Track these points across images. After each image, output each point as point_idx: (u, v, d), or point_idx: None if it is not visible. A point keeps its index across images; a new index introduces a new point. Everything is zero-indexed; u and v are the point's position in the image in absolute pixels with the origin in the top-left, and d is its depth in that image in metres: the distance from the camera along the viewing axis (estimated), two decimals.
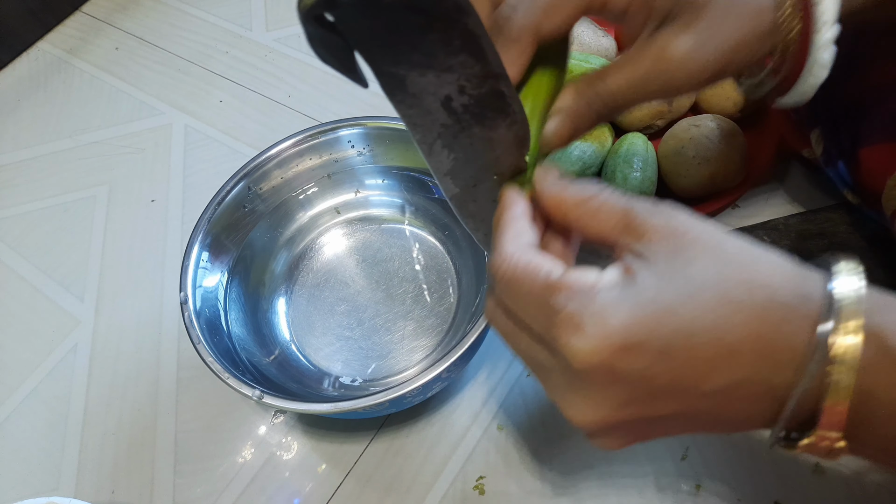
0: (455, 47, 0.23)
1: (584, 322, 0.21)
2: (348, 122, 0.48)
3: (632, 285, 0.22)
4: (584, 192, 0.25)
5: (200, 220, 0.45)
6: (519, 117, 0.27)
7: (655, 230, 0.23)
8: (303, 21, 0.22)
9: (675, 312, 0.21)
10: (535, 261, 0.24)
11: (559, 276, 0.22)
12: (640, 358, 0.21)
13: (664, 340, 0.21)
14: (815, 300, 0.21)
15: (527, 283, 0.23)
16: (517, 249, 0.24)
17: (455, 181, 0.30)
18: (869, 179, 0.41)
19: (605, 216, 0.24)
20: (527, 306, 0.24)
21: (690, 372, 0.21)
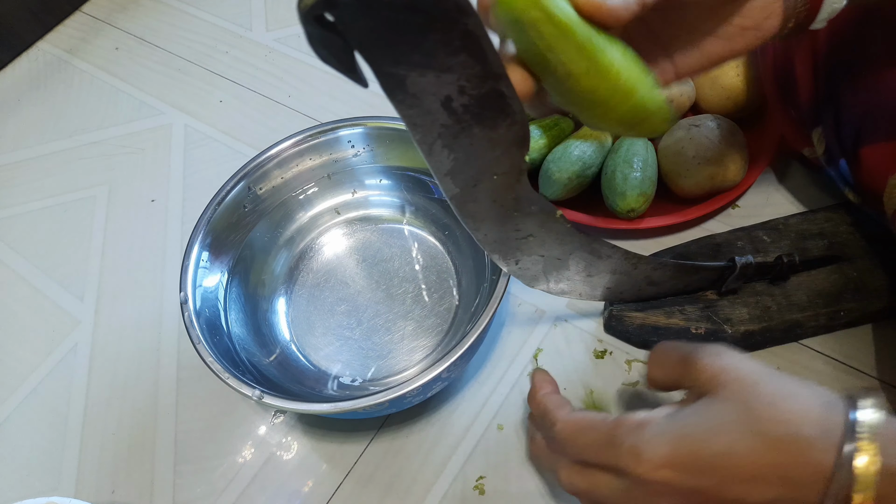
0: (455, 47, 0.23)
1: (641, 450, 0.27)
2: (348, 122, 0.48)
3: (675, 420, 0.28)
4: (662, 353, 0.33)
5: (200, 220, 0.45)
6: (519, 117, 0.27)
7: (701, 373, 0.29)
8: (303, 21, 0.22)
9: (711, 441, 0.26)
10: (588, 416, 0.31)
11: (616, 418, 0.29)
12: (686, 472, 0.26)
13: (705, 461, 0.26)
14: (836, 432, 0.25)
15: (591, 431, 0.30)
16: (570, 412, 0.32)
17: (455, 181, 0.30)
18: (870, 179, 0.41)
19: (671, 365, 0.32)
20: (597, 449, 0.30)
21: (730, 489, 0.26)
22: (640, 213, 0.48)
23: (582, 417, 0.31)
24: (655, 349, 0.33)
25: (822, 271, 0.45)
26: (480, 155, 0.28)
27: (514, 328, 0.48)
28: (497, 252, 0.35)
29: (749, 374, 0.27)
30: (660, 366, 0.32)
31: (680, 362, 0.30)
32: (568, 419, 0.32)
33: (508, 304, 0.50)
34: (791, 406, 0.26)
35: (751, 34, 0.31)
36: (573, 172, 0.48)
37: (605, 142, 0.50)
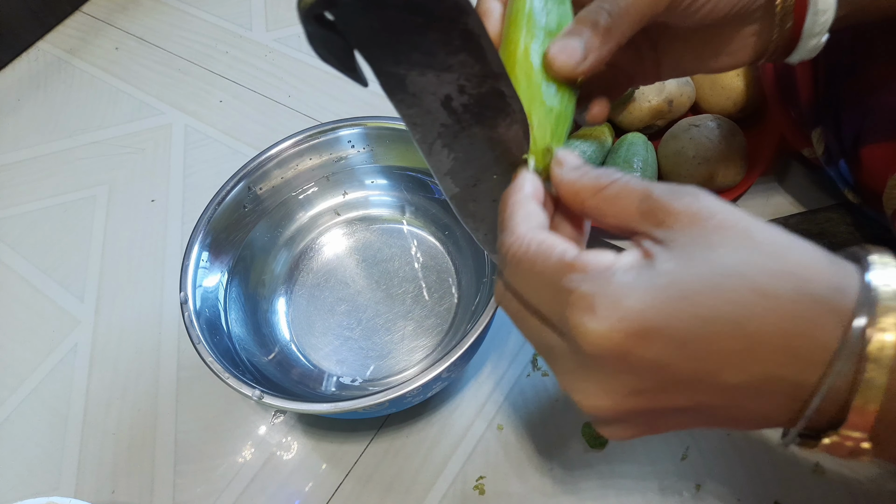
0: (455, 47, 0.23)
1: (598, 303, 0.20)
2: (348, 122, 0.48)
3: (650, 269, 0.20)
4: (603, 178, 0.24)
5: (200, 220, 0.45)
6: (519, 117, 0.27)
7: (677, 215, 0.21)
8: (303, 20, 0.22)
9: (695, 299, 0.20)
10: (548, 241, 0.23)
11: (573, 257, 0.21)
12: (654, 345, 0.20)
13: (682, 328, 0.19)
14: (849, 294, 0.19)
15: (539, 263, 0.22)
16: (528, 230, 0.23)
17: (455, 181, 0.30)
18: (870, 178, 0.41)
19: (623, 202, 0.23)
20: (538, 287, 0.23)
21: (708, 364, 0.20)
22: None
23: (537, 242, 0.23)
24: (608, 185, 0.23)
25: None
26: (480, 155, 0.28)
27: (514, 328, 0.48)
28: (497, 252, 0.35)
29: (739, 219, 0.21)
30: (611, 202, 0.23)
31: (642, 200, 0.22)
32: (519, 238, 0.23)
33: None
34: (797, 258, 0.20)
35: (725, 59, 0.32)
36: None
37: (605, 142, 0.50)
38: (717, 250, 0.20)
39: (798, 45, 0.31)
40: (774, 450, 0.41)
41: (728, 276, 0.20)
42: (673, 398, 0.21)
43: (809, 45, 0.30)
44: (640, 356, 0.20)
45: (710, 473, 0.41)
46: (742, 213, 0.21)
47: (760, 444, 0.41)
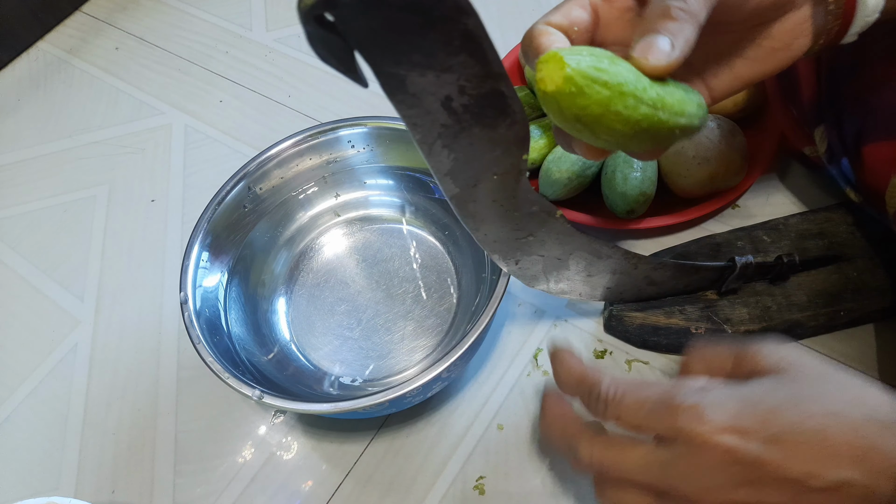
0: (455, 47, 0.23)
1: (705, 410, 0.25)
2: (348, 122, 0.48)
3: (741, 388, 0.26)
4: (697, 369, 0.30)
5: (200, 220, 0.45)
6: (519, 117, 0.27)
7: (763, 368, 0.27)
8: (303, 21, 0.22)
9: (782, 412, 0.24)
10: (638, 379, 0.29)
11: (671, 382, 0.27)
12: (753, 440, 0.24)
13: (774, 431, 0.24)
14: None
15: (645, 391, 0.28)
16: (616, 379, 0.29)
17: (455, 181, 0.30)
18: (872, 177, 0.40)
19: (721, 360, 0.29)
20: (649, 410, 0.27)
21: (799, 465, 0.24)
22: (640, 213, 0.48)
23: (633, 379, 0.29)
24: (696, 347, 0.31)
25: (822, 271, 0.45)
26: (480, 155, 0.28)
27: (514, 328, 0.48)
28: (497, 252, 0.35)
29: (815, 363, 0.26)
30: (701, 359, 0.30)
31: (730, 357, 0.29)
32: (618, 379, 0.30)
33: (508, 304, 0.50)
34: (863, 392, 0.25)
35: (781, 55, 0.32)
36: (573, 172, 0.48)
37: None
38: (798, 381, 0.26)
39: (849, 28, 0.30)
40: None
41: (808, 400, 0.25)
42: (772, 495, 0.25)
43: (860, 25, 0.30)
44: (741, 450, 0.24)
45: None
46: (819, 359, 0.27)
47: None
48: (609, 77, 0.24)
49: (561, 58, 0.24)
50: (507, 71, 0.30)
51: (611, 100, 0.25)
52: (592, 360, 0.46)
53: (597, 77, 0.24)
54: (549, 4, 0.69)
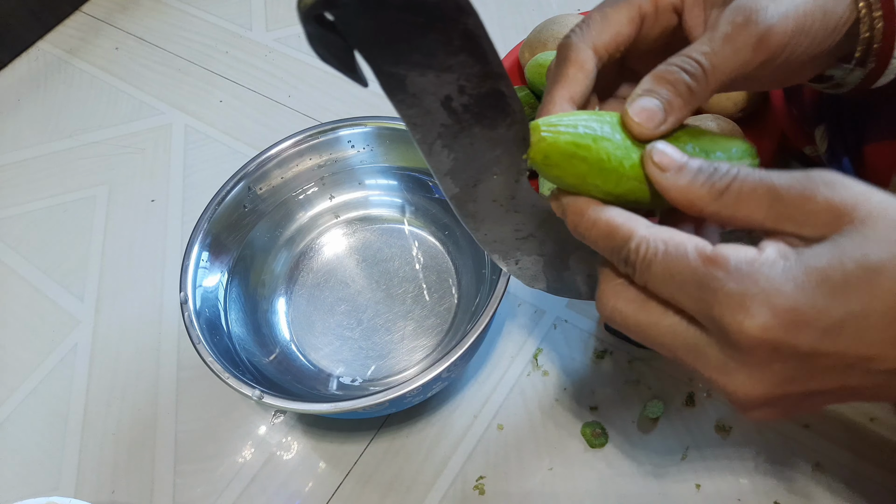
0: (455, 47, 0.23)
1: (749, 300, 0.20)
2: (348, 122, 0.48)
3: (798, 264, 0.21)
4: (718, 181, 0.23)
5: (200, 220, 0.45)
6: (519, 117, 0.27)
7: (817, 214, 0.21)
8: (303, 21, 0.22)
9: (850, 291, 0.20)
10: (676, 238, 0.22)
11: (712, 253, 0.21)
12: (808, 336, 0.20)
13: (834, 321, 0.20)
14: None
15: (675, 263, 0.22)
16: (649, 231, 0.23)
17: (455, 181, 0.30)
18: (873, 177, 0.40)
19: (749, 207, 0.23)
20: (679, 288, 0.22)
21: (861, 351, 0.20)
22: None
23: (670, 237, 0.23)
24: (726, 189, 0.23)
25: None
26: (480, 155, 0.28)
27: (514, 328, 0.48)
28: (497, 252, 0.35)
29: (890, 208, 0.21)
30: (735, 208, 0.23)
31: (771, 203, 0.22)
32: (649, 235, 0.23)
33: (508, 304, 0.50)
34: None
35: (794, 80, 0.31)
36: None
37: None
38: (866, 245, 0.20)
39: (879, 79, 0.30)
40: (775, 450, 0.41)
41: (879, 273, 0.20)
42: (823, 382, 0.22)
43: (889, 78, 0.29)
44: (794, 347, 0.20)
45: (710, 473, 0.41)
46: (884, 196, 0.21)
47: (761, 443, 0.41)
48: (588, 153, 0.24)
49: (539, 129, 0.24)
50: (507, 71, 0.30)
51: (588, 174, 0.25)
52: (592, 360, 0.46)
53: (574, 152, 0.24)
54: (549, 5, 0.69)
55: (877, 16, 0.27)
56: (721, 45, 0.26)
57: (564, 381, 0.45)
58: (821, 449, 0.41)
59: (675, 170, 0.24)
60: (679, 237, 0.23)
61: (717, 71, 0.26)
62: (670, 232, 0.23)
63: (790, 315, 0.20)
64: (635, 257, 0.23)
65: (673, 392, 0.44)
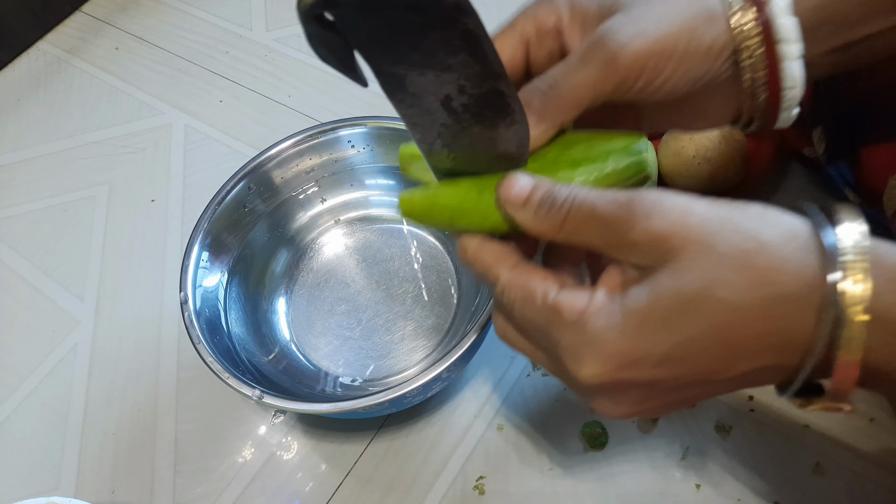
0: (455, 47, 0.23)
1: (580, 351, 0.23)
2: (348, 121, 0.48)
3: (623, 306, 0.22)
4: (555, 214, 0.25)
5: (200, 220, 0.45)
6: (519, 117, 0.27)
7: (637, 245, 0.23)
8: (303, 20, 0.22)
9: (670, 327, 0.22)
10: (530, 285, 0.25)
11: (553, 301, 0.24)
12: (643, 370, 0.22)
13: (663, 352, 0.22)
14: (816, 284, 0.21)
15: (527, 310, 0.25)
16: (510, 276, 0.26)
17: None
18: (870, 179, 0.40)
19: (586, 235, 0.24)
20: (534, 332, 0.25)
21: (697, 370, 0.22)
22: None
23: (521, 283, 0.25)
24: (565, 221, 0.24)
25: None
26: (480, 155, 0.28)
27: None
28: None
29: (702, 232, 0.22)
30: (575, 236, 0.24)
31: (602, 232, 0.23)
32: (508, 280, 0.26)
33: None
34: (763, 263, 0.21)
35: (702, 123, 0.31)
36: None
37: None
38: (684, 274, 0.21)
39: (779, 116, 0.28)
40: (774, 450, 0.41)
41: (699, 301, 0.21)
42: (678, 394, 0.24)
43: (786, 116, 0.28)
44: (634, 381, 0.23)
45: (710, 473, 0.41)
46: (700, 218, 0.22)
47: (761, 443, 0.41)
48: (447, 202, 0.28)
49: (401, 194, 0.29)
50: None
51: (454, 218, 0.28)
52: None
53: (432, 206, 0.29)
54: None
55: (754, 43, 0.26)
56: (575, 64, 0.27)
57: None
58: (821, 449, 0.41)
59: (519, 206, 0.26)
60: (531, 284, 0.25)
61: (570, 89, 0.27)
62: (526, 277, 0.25)
63: (619, 358, 0.22)
64: (502, 300, 0.26)
65: None
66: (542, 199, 0.25)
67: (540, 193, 0.25)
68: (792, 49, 0.26)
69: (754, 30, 0.26)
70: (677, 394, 0.24)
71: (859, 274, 0.21)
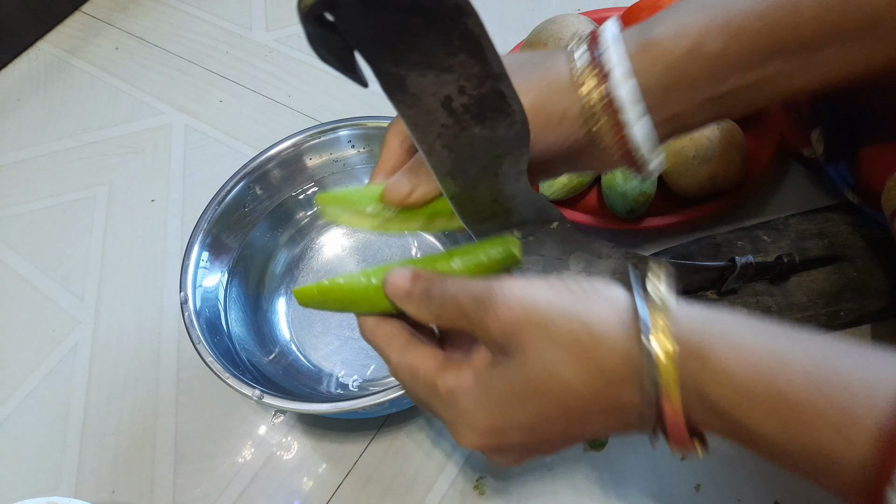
0: (455, 47, 0.23)
1: (457, 425, 0.27)
2: (348, 122, 0.48)
3: (487, 385, 0.26)
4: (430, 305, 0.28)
5: (200, 220, 0.45)
6: (519, 117, 0.27)
7: (494, 333, 0.26)
8: (303, 21, 0.22)
9: (525, 403, 0.26)
10: (417, 364, 0.28)
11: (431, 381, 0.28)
12: (512, 435, 0.27)
13: (523, 422, 0.26)
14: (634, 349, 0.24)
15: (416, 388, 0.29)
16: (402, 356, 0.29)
17: (455, 181, 0.30)
18: (869, 179, 0.41)
19: (458, 323, 0.27)
20: (424, 405, 0.29)
21: (559, 431, 0.26)
22: (641, 213, 0.48)
23: (407, 365, 0.29)
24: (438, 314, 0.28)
25: (822, 271, 0.45)
26: (480, 155, 0.28)
27: None
28: None
29: (540, 322, 0.25)
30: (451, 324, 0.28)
31: (466, 318, 0.27)
32: (398, 362, 0.29)
33: None
34: (589, 342, 0.24)
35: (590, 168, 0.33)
36: (573, 177, 0.48)
37: None
38: (530, 361, 0.25)
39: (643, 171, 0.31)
40: None
41: (544, 384, 0.25)
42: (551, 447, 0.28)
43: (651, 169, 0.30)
44: (507, 443, 0.27)
45: (710, 473, 0.41)
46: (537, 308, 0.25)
47: None
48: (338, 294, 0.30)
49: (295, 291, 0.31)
50: None
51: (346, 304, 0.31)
52: None
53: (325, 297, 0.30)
54: (549, 5, 0.69)
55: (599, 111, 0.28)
56: None
57: None
58: None
59: (403, 298, 0.29)
60: (415, 366, 0.28)
61: None
62: (411, 358, 0.29)
63: (487, 429, 0.26)
64: (395, 378, 0.30)
65: None
66: (421, 292, 0.28)
67: (419, 287, 0.28)
68: (630, 116, 0.28)
69: (599, 101, 0.28)
70: (550, 446, 0.28)
71: (661, 333, 0.23)
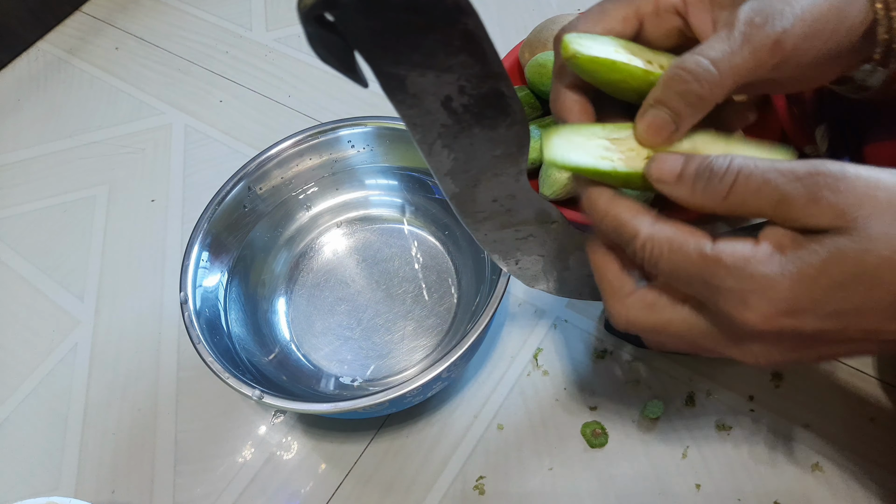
0: (455, 47, 0.23)
1: (747, 295, 0.22)
2: (348, 122, 0.48)
3: (798, 258, 0.22)
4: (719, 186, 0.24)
5: (200, 220, 0.45)
6: (519, 117, 0.27)
7: (820, 216, 0.22)
8: (303, 21, 0.22)
9: (846, 288, 0.22)
10: (679, 238, 0.24)
11: (711, 251, 0.23)
12: (809, 320, 0.22)
13: (835, 308, 0.22)
14: None
15: (679, 263, 0.24)
16: (651, 230, 0.25)
17: (455, 181, 0.30)
18: None
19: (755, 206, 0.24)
20: (687, 281, 0.24)
21: (864, 327, 0.22)
22: None
23: (671, 236, 0.24)
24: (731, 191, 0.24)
25: None
26: (480, 155, 0.28)
27: (514, 328, 0.48)
28: (497, 252, 0.35)
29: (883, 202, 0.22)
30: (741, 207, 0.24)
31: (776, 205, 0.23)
32: (652, 235, 0.25)
33: (508, 304, 0.50)
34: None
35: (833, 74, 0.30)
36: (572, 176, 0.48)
37: None
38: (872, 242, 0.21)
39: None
40: (774, 450, 0.41)
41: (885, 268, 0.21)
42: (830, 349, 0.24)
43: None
44: (798, 329, 0.23)
45: (710, 473, 0.41)
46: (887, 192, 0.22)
47: (761, 443, 0.41)
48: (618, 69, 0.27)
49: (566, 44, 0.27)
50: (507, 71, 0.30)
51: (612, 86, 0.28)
52: (592, 360, 0.46)
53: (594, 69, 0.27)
54: (549, 4, 0.69)
55: (895, 16, 0.27)
56: (739, 46, 0.25)
57: (564, 381, 0.45)
58: (821, 449, 0.41)
59: (672, 181, 0.25)
60: (680, 238, 0.24)
61: (733, 72, 0.26)
62: (672, 230, 0.25)
63: (788, 304, 0.22)
64: (642, 254, 0.25)
65: (673, 392, 0.44)
66: (698, 171, 0.24)
67: (694, 166, 0.25)
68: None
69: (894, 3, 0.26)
70: (834, 347, 0.24)
71: None
